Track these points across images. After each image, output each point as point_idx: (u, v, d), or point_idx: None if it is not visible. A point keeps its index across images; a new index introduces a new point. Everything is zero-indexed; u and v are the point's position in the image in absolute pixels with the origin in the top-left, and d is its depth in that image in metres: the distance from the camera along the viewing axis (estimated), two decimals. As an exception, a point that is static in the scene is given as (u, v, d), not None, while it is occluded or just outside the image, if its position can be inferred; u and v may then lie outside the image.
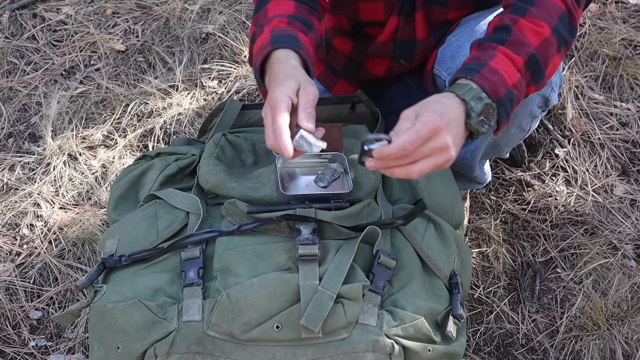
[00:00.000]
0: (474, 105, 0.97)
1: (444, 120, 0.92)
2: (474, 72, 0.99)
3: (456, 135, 0.95)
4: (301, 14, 1.20)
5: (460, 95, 0.97)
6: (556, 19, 1.06)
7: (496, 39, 1.04)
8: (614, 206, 1.83)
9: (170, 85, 2.11)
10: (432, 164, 0.93)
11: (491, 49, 1.02)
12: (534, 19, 1.05)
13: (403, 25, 1.34)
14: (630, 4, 2.33)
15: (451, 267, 1.16)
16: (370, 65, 1.48)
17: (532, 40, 1.03)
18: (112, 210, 1.27)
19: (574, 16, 1.09)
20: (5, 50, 2.25)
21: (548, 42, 1.05)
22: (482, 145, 1.40)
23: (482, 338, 1.59)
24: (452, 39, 1.30)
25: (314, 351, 1.00)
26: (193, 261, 1.07)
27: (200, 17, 2.30)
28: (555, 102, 1.34)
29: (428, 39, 1.36)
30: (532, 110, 1.32)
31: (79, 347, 1.57)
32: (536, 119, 1.37)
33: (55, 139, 1.97)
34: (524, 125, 1.37)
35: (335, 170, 1.19)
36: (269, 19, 1.18)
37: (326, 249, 1.06)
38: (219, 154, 1.23)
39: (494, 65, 1.00)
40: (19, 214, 1.80)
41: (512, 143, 1.44)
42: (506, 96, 1.00)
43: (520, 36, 1.03)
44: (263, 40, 1.14)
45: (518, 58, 1.01)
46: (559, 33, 1.06)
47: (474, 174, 1.53)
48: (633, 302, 1.63)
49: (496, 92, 0.98)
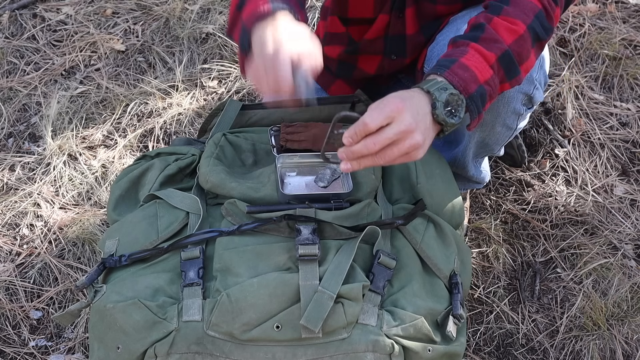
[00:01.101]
0: (438, 95, 0.98)
1: (405, 103, 0.95)
2: (444, 69, 1.01)
3: (424, 125, 0.97)
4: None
5: (425, 87, 1.00)
6: (532, 17, 1.08)
7: (470, 36, 1.06)
8: (614, 206, 1.83)
9: (170, 85, 2.11)
10: (398, 149, 0.95)
11: (464, 46, 1.04)
12: (509, 17, 1.07)
13: (394, 22, 1.35)
14: (630, 4, 2.33)
15: (451, 267, 1.16)
16: (362, 63, 1.49)
17: (506, 37, 1.05)
18: (112, 210, 1.27)
19: (550, 15, 1.10)
20: (5, 50, 2.25)
21: (522, 39, 1.06)
22: (471, 144, 1.41)
23: (482, 338, 1.59)
24: (439, 38, 1.32)
25: (314, 351, 1.00)
26: (193, 261, 1.07)
27: (200, 17, 2.30)
28: (540, 100, 1.35)
29: (417, 35, 1.37)
30: (516, 108, 1.33)
31: (79, 347, 1.57)
32: (522, 116, 1.38)
33: (55, 139, 1.97)
34: (509, 123, 1.37)
35: (335, 170, 1.19)
36: None
37: (326, 249, 1.06)
38: (219, 154, 1.23)
39: (464, 61, 1.01)
40: (19, 214, 1.80)
41: (501, 141, 1.44)
42: (477, 92, 1.01)
43: (493, 33, 1.05)
44: (259, 3, 1.07)
45: (490, 54, 1.03)
46: (534, 30, 1.08)
47: (470, 174, 1.53)
48: (633, 302, 1.63)
49: (466, 87, 1.00)
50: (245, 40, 1.06)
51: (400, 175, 1.24)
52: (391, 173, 1.25)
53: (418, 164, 1.24)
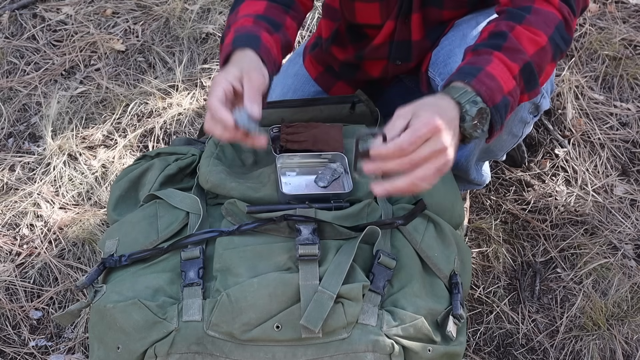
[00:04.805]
0: (469, 108, 0.95)
1: (442, 120, 0.90)
2: (471, 77, 0.97)
3: (453, 137, 0.93)
4: (271, 14, 1.22)
5: (455, 97, 0.96)
6: (553, 28, 1.05)
7: (492, 44, 1.02)
8: (614, 206, 1.83)
9: (170, 85, 2.11)
10: (434, 167, 0.90)
11: (487, 54, 1.01)
12: (531, 27, 1.04)
13: (400, 28, 1.35)
14: (630, 4, 2.33)
15: (451, 267, 1.16)
16: (367, 66, 1.48)
17: (528, 48, 1.02)
18: (112, 210, 1.27)
19: (570, 26, 1.08)
20: (5, 50, 2.25)
21: (544, 50, 1.03)
22: (475, 151, 1.40)
23: (482, 338, 1.59)
24: (444, 42, 1.30)
25: (314, 351, 1.00)
26: (193, 261, 1.07)
27: (200, 17, 2.30)
28: (546, 108, 1.33)
29: (423, 40, 1.36)
30: (523, 117, 1.32)
31: (79, 347, 1.57)
32: (528, 124, 1.37)
33: (55, 139, 1.97)
34: (515, 131, 1.37)
35: (335, 170, 1.19)
36: (237, 18, 1.22)
37: (326, 249, 1.06)
38: (219, 154, 1.23)
39: (490, 70, 0.98)
40: (19, 214, 1.80)
41: (505, 148, 1.44)
42: (502, 103, 0.99)
43: (516, 43, 1.02)
44: (228, 40, 1.17)
45: (514, 65, 1.00)
46: (555, 42, 1.05)
47: (471, 177, 1.53)
48: (633, 302, 1.63)
49: (492, 97, 0.97)
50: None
51: (400, 175, 1.24)
52: (391, 173, 1.25)
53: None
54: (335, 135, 1.26)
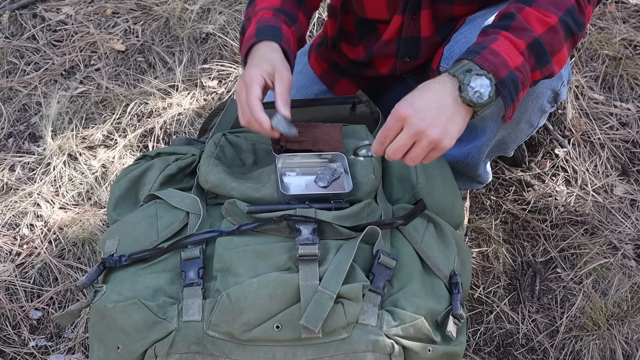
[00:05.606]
0: (464, 78, 1.00)
1: (414, 107, 0.99)
2: (474, 54, 1.02)
3: (444, 116, 1.00)
4: (287, 7, 1.30)
5: (451, 72, 1.01)
6: (564, 10, 1.07)
7: (500, 25, 1.06)
8: (614, 206, 1.83)
9: (170, 85, 2.11)
10: (420, 149, 1.01)
11: (494, 34, 1.05)
12: (540, 9, 1.06)
13: (408, 24, 1.35)
14: (630, 4, 2.33)
15: (451, 267, 1.16)
16: (376, 64, 1.48)
17: (537, 27, 1.05)
18: (112, 210, 1.27)
19: (583, 11, 1.10)
20: (5, 50, 2.25)
21: (554, 30, 1.06)
22: (490, 142, 1.40)
23: (482, 338, 1.59)
24: (459, 37, 1.30)
25: (314, 351, 1.00)
26: (193, 261, 1.07)
27: (200, 17, 2.30)
28: (564, 97, 1.35)
29: (434, 36, 1.37)
30: (542, 105, 1.33)
31: (79, 347, 1.57)
32: (545, 114, 1.38)
33: (55, 139, 1.97)
34: (533, 121, 1.37)
35: (335, 170, 1.19)
36: (256, 11, 1.29)
37: (326, 249, 1.06)
38: (219, 154, 1.23)
39: (494, 47, 1.02)
40: (19, 214, 1.80)
41: (519, 140, 1.44)
42: (508, 77, 1.02)
43: (523, 22, 1.05)
44: (250, 32, 1.24)
45: (520, 42, 1.03)
46: (566, 23, 1.07)
47: (478, 172, 1.53)
48: (633, 302, 1.63)
49: (497, 72, 1.01)
50: (244, 66, 1.24)
51: (400, 175, 1.24)
52: (391, 173, 1.25)
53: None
54: (336, 135, 1.26)
